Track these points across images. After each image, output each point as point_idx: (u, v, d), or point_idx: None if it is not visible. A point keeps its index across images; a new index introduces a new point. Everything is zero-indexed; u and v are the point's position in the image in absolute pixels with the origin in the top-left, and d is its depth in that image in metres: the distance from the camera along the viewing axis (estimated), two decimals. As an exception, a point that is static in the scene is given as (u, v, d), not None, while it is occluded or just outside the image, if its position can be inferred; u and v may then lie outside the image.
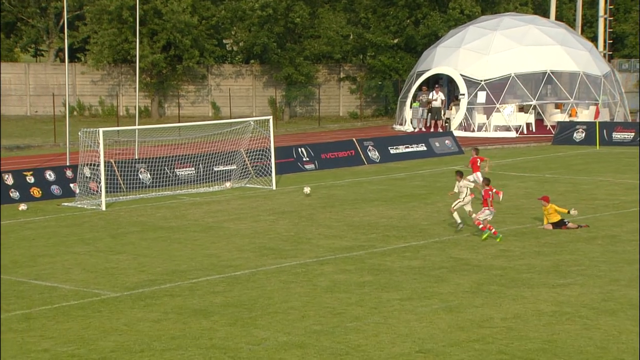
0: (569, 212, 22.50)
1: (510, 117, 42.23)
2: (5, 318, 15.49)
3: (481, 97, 42.48)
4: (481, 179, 23.30)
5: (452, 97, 44.76)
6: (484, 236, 20.99)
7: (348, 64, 53.16)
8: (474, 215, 21.45)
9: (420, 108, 43.35)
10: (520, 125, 42.08)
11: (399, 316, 15.55)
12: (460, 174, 22.05)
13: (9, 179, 26.94)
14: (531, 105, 42.34)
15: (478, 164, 25.71)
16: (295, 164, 32.93)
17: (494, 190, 21.41)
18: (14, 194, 26.76)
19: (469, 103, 42.54)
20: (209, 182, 29.51)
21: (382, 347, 14.07)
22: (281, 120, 49.66)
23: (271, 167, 29.70)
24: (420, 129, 43.30)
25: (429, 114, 43.90)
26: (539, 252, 20.10)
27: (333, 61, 52.39)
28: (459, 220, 21.86)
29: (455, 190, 22.03)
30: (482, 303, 16.30)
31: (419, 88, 43.86)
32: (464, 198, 21.72)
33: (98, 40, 48.42)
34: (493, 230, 21.12)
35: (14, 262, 19.59)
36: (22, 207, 25.75)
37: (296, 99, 50.98)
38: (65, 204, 26.48)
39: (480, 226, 21.12)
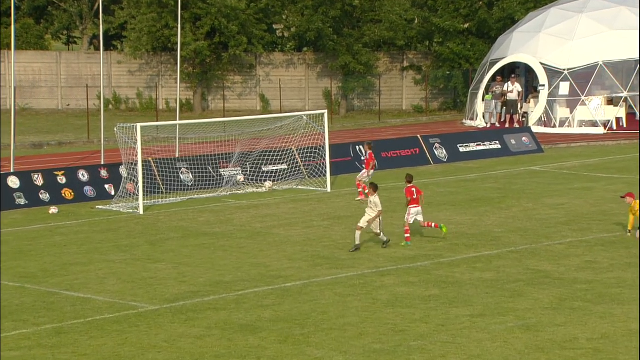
0: None
1: (597, 110, 41.66)
2: (35, 332, 15.79)
3: (564, 88, 41.96)
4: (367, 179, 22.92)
5: (531, 88, 44.32)
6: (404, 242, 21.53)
7: (412, 52, 53.01)
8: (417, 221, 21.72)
9: (494, 101, 43.00)
10: (608, 120, 41.49)
11: (469, 335, 15.45)
12: (375, 188, 21.29)
13: (38, 179, 27.46)
14: (621, 97, 41.70)
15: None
16: (352, 164, 32.94)
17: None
18: (44, 196, 27.26)
19: (549, 95, 42.07)
20: (256, 183, 29.69)
21: (450, 370, 14.01)
22: (337, 114, 49.73)
23: (326, 167, 29.75)
24: (494, 124, 42.97)
25: (504, 107, 43.53)
26: (630, 263, 19.80)
27: (395, 48, 52.28)
28: (356, 242, 21.10)
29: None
30: (565, 321, 16.11)
31: (493, 78, 43.53)
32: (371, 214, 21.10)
33: (136, 26, 49.06)
34: (433, 224, 21.86)
35: (44, 270, 19.96)
36: (53, 210, 26.21)
37: (354, 91, 50.99)
38: (100, 207, 26.88)
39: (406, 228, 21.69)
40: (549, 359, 14.39)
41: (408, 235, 21.90)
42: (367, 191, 22.94)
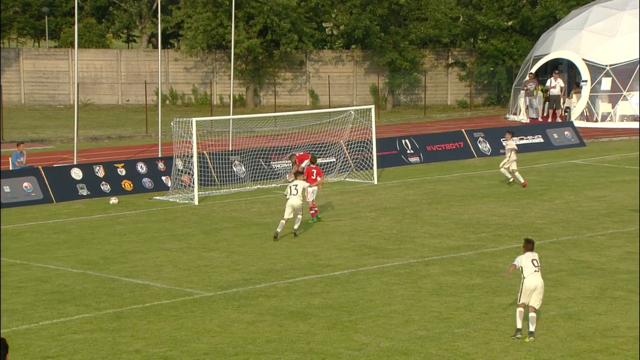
0: None
1: (638, 105, 41.00)
2: (96, 317, 15.99)
3: (606, 83, 41.40)
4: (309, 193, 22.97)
5: (573, 84, 43.77)
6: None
7: (457, 49, 52.63)
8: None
9: (528, 97, 42.59)
10: (650, 115, 40.83)
11: (512, 323, 15.32)
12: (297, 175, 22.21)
13: (99, 171, 27.76)
14: (662, 92, 41.01)
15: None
16: (398, 157, 32.83)
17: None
18: (105, 187, 27.55)
19: (591, 90, 41.52)
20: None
21: (494, 356, 13.91)
22: (384, 109, 49.58)
23: (373, 160, 29.69)
24: (535, 119, 42.52)
25: (547, 102, 43.06)
26: (670, 255, 19.49)
27: (441, 45, 51.96)
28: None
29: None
30: (606, 310, 15.91)
31: (532, 75, 43.01)
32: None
33: (192, 25, 49.34)
34: (314, 210, 22.65)
35: (104, 258, 20.20)
36: (113, 200, 26.49)
37: (400, 87, 50.79)
38: (157, 197, 27.11)
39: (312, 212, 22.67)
40: (590, 346, 14.22)
41: (312, 212, 23.09)
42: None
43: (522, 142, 35.84)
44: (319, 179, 23.25)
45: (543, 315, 15.66)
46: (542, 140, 36.36)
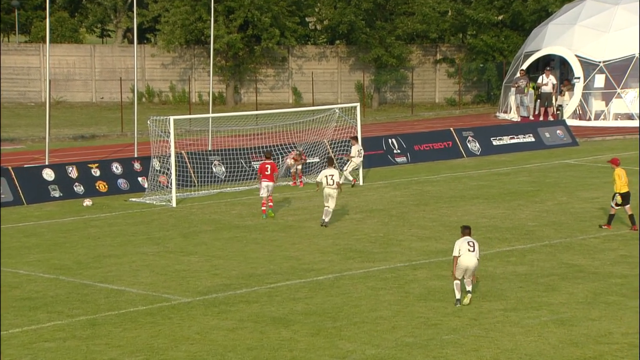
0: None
1: (633, 103, 41.22)
2: (69, 324, 15.93)
3: (599, 81, 41.58)
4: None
5: (565, 81, 43.96)
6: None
7: (445, 44, 52.77)
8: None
9: (518, 95, 42.75)
10: (644, 113, 41.07)
11: (502, 329, 15.38)
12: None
13: (73, 172, 27.67)
14: (657, 90, 41.25)
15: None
16: (385, 157, 32.89)
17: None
18: (78, 188, 27.46)
19: (584, 88, 41.71)
20: (289, 176, 29.71)
21: (483, 364, 13.95)
22: (369, 107, 49.65)
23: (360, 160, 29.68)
24: (526, 117, 42.71)
25: (538, 100, 43.24)
26: (665, 258, 19.61)
27: (428, 41, 52.08)
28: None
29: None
30: (600, 316, 15.99)
31: (523, 72, 43.17)
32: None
33: (169, 19, 49.24)
34: (268, 205, 23.90)
35: (78, 262, 20.13)
36: (87, 202, 26.40)
37: (386, 84, 50.87)
38: (133, 199, 27.05)
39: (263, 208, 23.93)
40: (583, 353, 14.29)
41: (264, 208, 24.04)
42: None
43: (512, 141, 35.97)
44: (274, 174, 24.45)
45: (534, 321, 15.74)
46: (533, 140, 36.50)
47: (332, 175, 23.00)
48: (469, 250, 16.61)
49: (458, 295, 16.63)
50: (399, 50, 49.41)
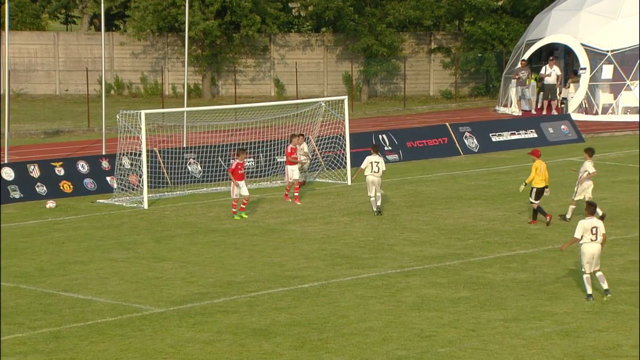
0: (546, 187, 23.48)
1: (644, 96, 41.41)
2: (31, 336, 15.90)
3: (607, 71, 41.75)
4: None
5: (570, 72, 44.13)
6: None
7: (440, 32, 52.89)
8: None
9: (520, 87, 42.88)
10: (656, 107, 41.27)
11: (502, 341, 15.44)
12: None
13: (34, 171, 27.61)
14: (670, 81, 41.46)
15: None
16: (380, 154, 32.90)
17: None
18: (41, 189, 27.41)
19: (591, 79, 41.88)
20: (271, 175, 29.72)
21: (482, 379, 14.02)
22: (358, 101, 49.72)
23: (346, 158, 29.77)
24: (528, 111, 42.86)
25: (541, 93, 43.38)
26: (678, 264, 19.72)
27: (422, 29, 52.18)
28: None
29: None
30: (607, 326, 16.07)
31: (525, 62, 43.33)
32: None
33: (140, 5, 49.17)
34: (239, 207, 24.45)
35: (40, 269, 20.09)
36: (50, 204, 26.36)
37: (377, 75, 50.95)
38: (101, 200, 27.01)
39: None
40: (590, 367, 14.37)
41: (235, 209, 24.48)
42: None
43: (513, 137, 36.11)
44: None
45: (537, 332, 15.80)
46: (535, 135, 36.63)
47: (378, 163, 24.34)
48: (592, 240, 17.06)
49: (589, 290, 17.04)
50: (390, 38, 49.47)
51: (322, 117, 30.56)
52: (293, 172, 26.43)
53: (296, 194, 26.33)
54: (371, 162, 24.59)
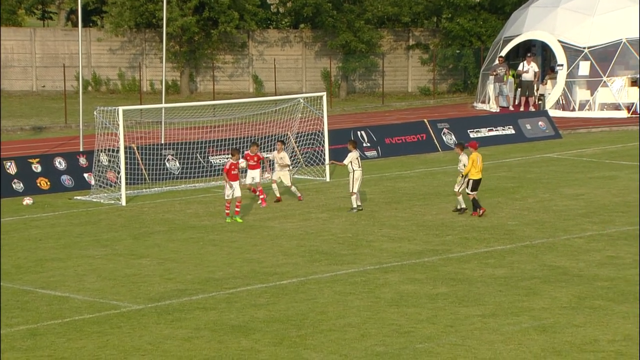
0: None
1: (620, 92, 41.64)
2: (7, 334, 15.82)
3: (584, 68, 41.94)
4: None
5: (547, 68, 44.31)
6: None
7: (419, 29, 52.97)
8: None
9: (497, 84, 43.02)
10: (632, 103, 41.49)
11: (480, 336, 15.49)
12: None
13: (11, 168, 27.47)
14: (646, 78, 41.70)
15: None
16: (358, 150, 32.90)
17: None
18: (18, 186, 27.27)
19: (568, 76, 42.05)
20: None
21: (460, 375, 14.06)
22: (337, 97, 49.74)
23: (324, 155, 29.77)
24: (506, 107, 43.00)
25: (519, 89, 43.53)
26: (654, 259, 19.85)
27: (400, 25, 52.25)
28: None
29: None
30: (585, 321, 16.15)
31: (502, 59, 43.45)
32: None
33: (117, 0, 48.99)
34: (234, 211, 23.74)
35: (17, 266, 19.99)
36: (27, 201, 26.23)
37: (355, 72, 50.98)
38: (78, 197, 26.91)
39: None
40: (567, 362, 14.44)
41: (228, 211, 23.78)
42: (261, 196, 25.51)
43: (491, 133, 36.22)
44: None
45: (514, 328, 15.87)
46: (513, 132, 36.76)
47: (358, 158, 24.69)
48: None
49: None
50: (369, 35, 49.52)
51: (301, 113, 30.56)
52: (253, 177, 25.52)
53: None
54: (356, 158, 24.73)
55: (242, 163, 25.35)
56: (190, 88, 50.53)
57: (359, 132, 33.59)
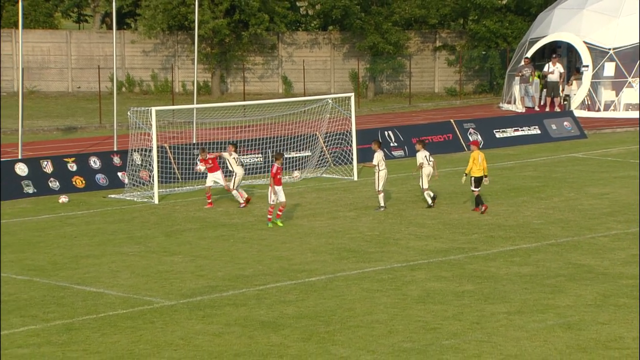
0: (485, 176, 24.23)
1: (645, 93, 41.32)
2: (44, 328, 15.93)
3: (609, 69, 41.67)
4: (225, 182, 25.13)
5: (573, 69, 44.05)
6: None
7: (445, 31, 52.81)
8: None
9: (523, 85, 42.83)
10: (657, 104, 41.18)
11: (505, 333, 15.42)
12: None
13: (47, 167, 27.65)
14: (671, 78, 41.38)
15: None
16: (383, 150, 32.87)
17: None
18: (54, 184, 27.44)
19: (593, 77, 41.79)
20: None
21: (485, 371, 14.01)
22: (365, 98, 49.68)
23: (352, 154, 29.75)
24: (532, 108, 42.78)
25: (544, 89, 43.30)
26: (679, 258, 19.69)
27: (427, 27, 52.11)
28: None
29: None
30: (609, 319, 16.05)
31: (528, 60, 43.24)
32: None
33: (150, 3, 49.17)
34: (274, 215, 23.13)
35: (53, 263, 20.12)
36: (63, 199, 26.38)
37: (383, 73, 50.89)
38: (112, 196, 27.03)
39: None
40: (592, 359, 14.35)
41: (270, 216, 23.15)
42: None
43: (517, 133, 36.05)
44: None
45: (540, 325, 15.79)
46: (539, 132, 36.57)
47: (383, 157, 24.82)
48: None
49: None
50: (396, 36, 49.42)
51: (329, 113, 30.55)
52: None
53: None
54: (382, 157, 24.82)
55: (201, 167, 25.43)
56: (221, 89, 50.64)
57: (386, 132, 33.54)
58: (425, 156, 25.06)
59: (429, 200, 24.76)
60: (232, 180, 25.43)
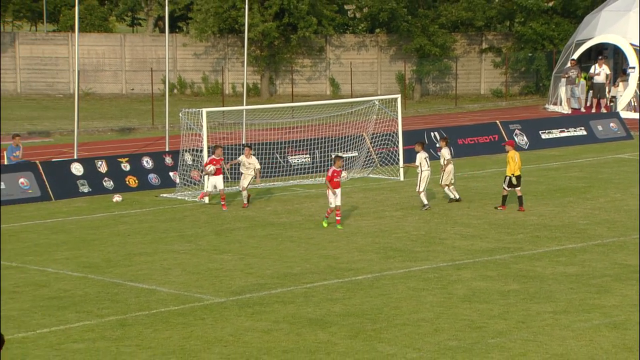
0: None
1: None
2: (98, 324, 16.10)
3: (655, 70, 41.13)
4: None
5: (619, 71, 43.55)
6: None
7: (492, 33, 52.47)
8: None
9: (569, 86, 42.42)
10: (703, 105, 40.57)
11: (551, 332, 15.30)
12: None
13: (102, 166, 27.92)
14: None
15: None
16: (427, 151, 32.73)
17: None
18: (108, 184, 27.70)
19: None
20: (326, 171, 29.70)
21: (531, 370, 13.90)
22: (411, 99, 49.54)
23: (399, 155, 29.68)
24: (578, 109, 42.36)
25: (590, 91, 42.87)
26: None
27: (474, 29, 51.82)
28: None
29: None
30: (654, 320, 15.85)
31: (574, 62, 42.83)
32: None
33: (202, 7, 49.47)
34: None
35: (107, 260, 20.32)
36: (117, 198, 26.62)
37: (429, 75, 50.71)
38: (164, 195, 27.22)
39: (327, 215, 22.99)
40: (638, 359, 14.17)
41: (327, 215, 23.00)
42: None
43: (563, 134, 35.73)
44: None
45: (585, 325, 15.64)
46: (585, 133, 36.21)
47: (427, 158, 24.84)
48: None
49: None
50: (443, 39, 49.21)
51: (376, 115, 30.50)
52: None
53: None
54: (425, 158, 24.78)
55: (210, 168, 24.98)
56: (270, 91, 50.79)
57: (432, 133, 33.41)
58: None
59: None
60: (248, 180, 25.35)
